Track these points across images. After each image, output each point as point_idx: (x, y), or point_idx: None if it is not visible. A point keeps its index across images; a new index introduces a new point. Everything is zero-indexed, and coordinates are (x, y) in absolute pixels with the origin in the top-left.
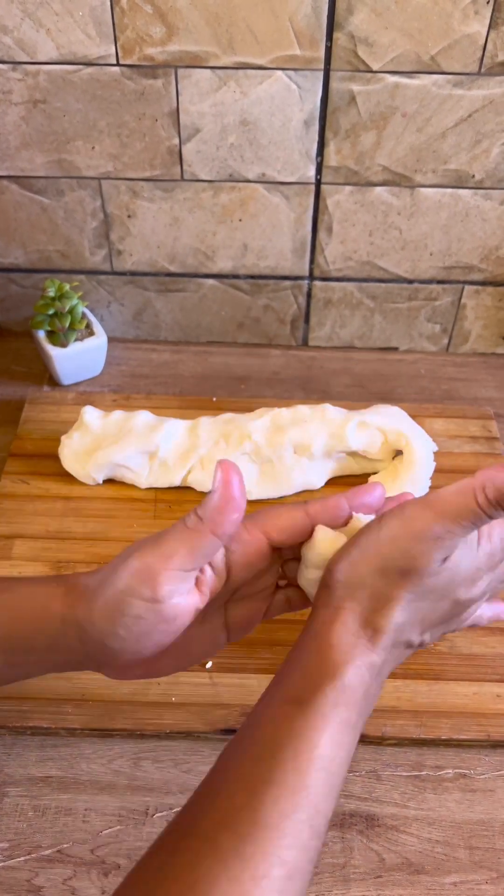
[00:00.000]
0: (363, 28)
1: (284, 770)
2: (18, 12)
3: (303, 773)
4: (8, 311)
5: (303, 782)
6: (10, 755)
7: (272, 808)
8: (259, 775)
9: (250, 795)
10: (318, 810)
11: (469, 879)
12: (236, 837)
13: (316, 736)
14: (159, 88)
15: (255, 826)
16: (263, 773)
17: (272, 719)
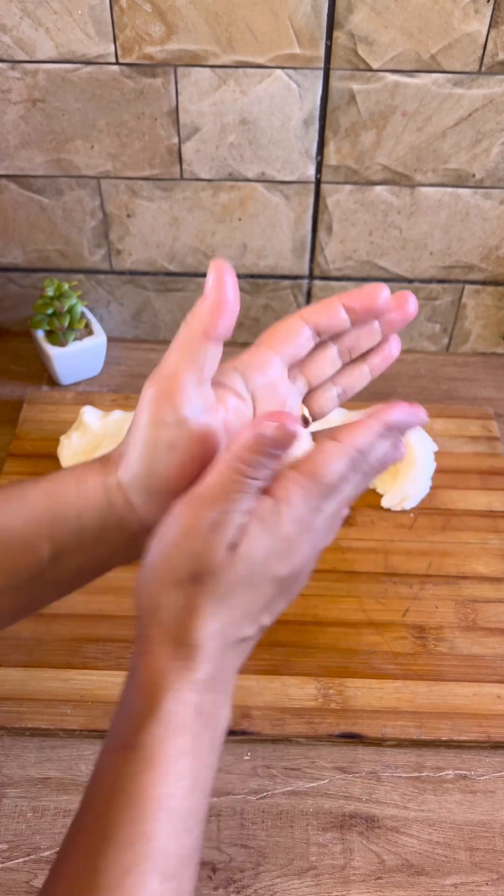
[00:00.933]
0: (363, 27)
1: (120, 823)
2: (17, 11)
3: (139, 822)
4: (7, 311)
5: (140, 831)
6: (9, 756)
7: (112, 868)
8: (97, 834)
9: (90, 858)
10: (165, 853)
11: (469, 881)
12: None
13: (146, 778)
14: (158, 87)
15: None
16: (101, 830)
17: (104, 770)
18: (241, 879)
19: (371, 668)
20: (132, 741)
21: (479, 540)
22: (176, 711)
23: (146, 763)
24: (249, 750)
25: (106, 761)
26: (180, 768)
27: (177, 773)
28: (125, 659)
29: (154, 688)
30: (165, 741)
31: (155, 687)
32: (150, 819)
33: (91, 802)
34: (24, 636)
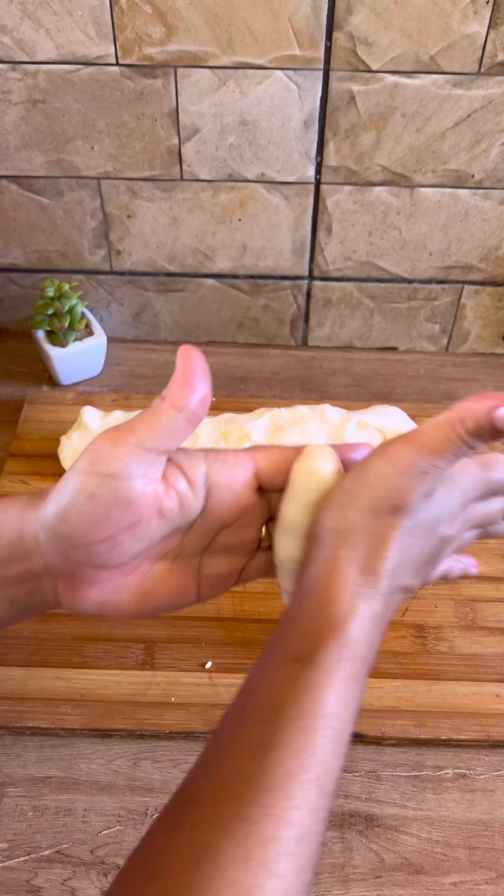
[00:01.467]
0: (363, 28)
1: (289, 731)
2: (18, 12)
3: (308, 733)
4: (7, 311)
5: (308, 742)
6: (10, 755)
7: (277, 770)
8: (262, 737)
9: (254, 759)
10: (325, 769)
11: (468, 879)
12: (241, 801)
13: (320, 694)
14: (158, 88)
15: (259, 789)
16: (267, 735)
17: (273, 680)
18: None
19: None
20: (310, 655)
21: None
22: (357, 638)
23: (322, 678)
24: None
25: (276, 671)
26: (350, 694)
27: (346, 699)
28: (125, 658)
29: (339, 608)
30: (342, 663)
31: (340, 608)
32: (319, 733)
33: (253, 707)
34: (25, 635)
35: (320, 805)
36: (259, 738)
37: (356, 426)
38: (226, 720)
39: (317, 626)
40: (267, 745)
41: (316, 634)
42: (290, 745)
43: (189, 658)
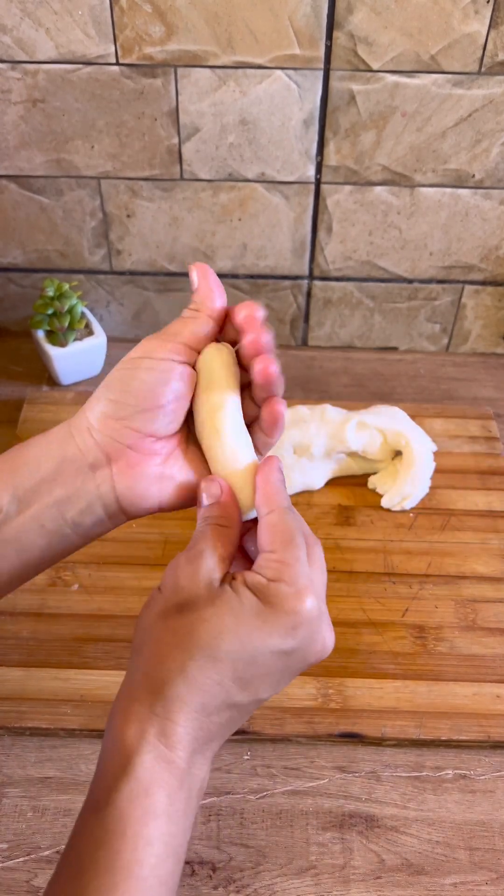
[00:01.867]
0: (363, 27)
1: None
2: (17, 11)
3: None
4: (7, 311)
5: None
6: (9, 756)
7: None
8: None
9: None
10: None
11: (469, 880)
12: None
13: (116, 843)
14: (158, 88)
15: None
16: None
17: (78, 832)
18: (240, 879)
19: (371, 667)
20: (104, 801)
21: (478, 540)
22: (148, 768)
23: (117, 825)
24: (249, 749)
25: (80, 823)
26: (151, 832)
27: (147, 838)
28: (125, 658)
29: (129, 743)
30: (136, 800)
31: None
32: (119, 889)
33: (64, 866)
34: (24, 636)
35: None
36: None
37: (356, 426)
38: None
39: (109, 768)
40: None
41: (108, 778)
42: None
43: None
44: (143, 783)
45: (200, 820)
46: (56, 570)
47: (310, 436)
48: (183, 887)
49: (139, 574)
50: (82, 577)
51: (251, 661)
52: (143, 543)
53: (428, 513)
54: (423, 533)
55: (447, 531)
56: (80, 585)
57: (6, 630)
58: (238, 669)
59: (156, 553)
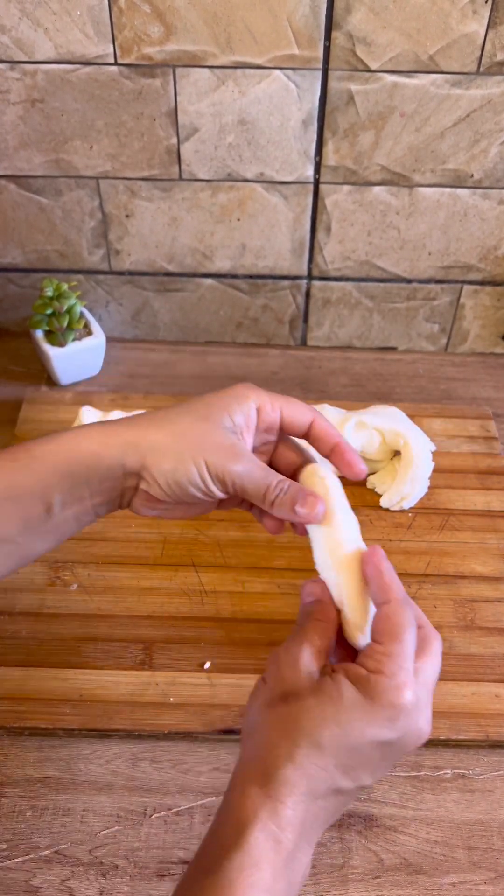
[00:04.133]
0: (361, 28)
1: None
2: (16, 11)
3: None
4: (6, 311)
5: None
6: (9, 756)
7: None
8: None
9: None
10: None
11: (468, 880)
12: None
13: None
14: (157, 88)
15: None
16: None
17: (187, 890)
18: None
19: None
20: (216, 867)
21: (477, 540)
22: (259, 843)
23: (224, 892)
24: None
25: (189, 882)
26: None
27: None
28: (124, 658)
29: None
30: (245, 871)
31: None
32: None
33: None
34: (23, 636)
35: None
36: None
37: (355, 426)
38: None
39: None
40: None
41: (221, 845)
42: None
43: (187, 658)
44: (253, 857)
45: (199, 819)
46: (55, 570)
47: None
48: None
49: (138, 574)
50: (81, 577)
51: (353, 750)
52: (143, 543)
53: (427, 512)
54: (422, 533)
55: (446, 531)
56: (80, 585)
57: (5, 630)
58: (341, 756)
59: (155, 553)
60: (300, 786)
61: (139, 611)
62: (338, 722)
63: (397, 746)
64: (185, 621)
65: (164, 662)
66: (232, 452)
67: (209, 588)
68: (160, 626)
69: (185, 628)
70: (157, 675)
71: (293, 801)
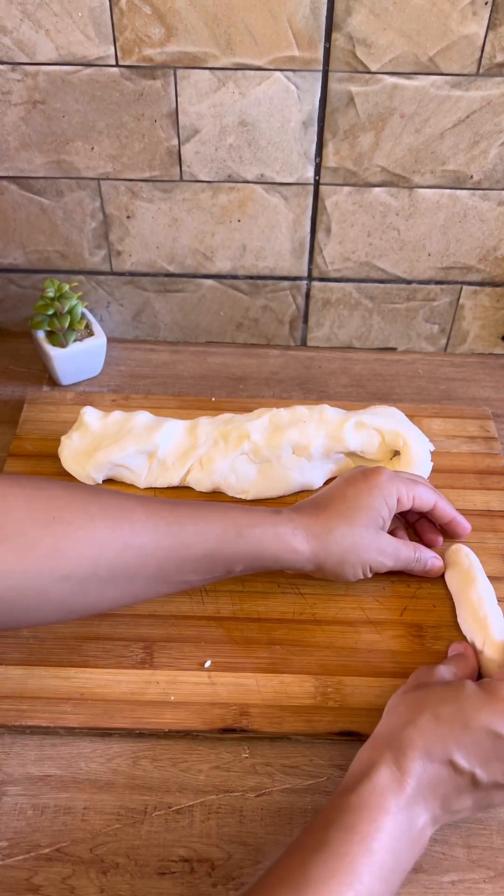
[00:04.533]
0: (361, 29)
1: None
2: (17, 13)
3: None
4: (7, 312)
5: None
6: (9, 754)
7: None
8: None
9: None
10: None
11: (467, 878)
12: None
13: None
14: (158, 89)
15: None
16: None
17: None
18: (239, 877)
19: (369, 666)
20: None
21: (476, 539)
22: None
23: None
24: (248, 748)
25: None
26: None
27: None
28: (125, 657)
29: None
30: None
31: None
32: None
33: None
34: (24, 634)
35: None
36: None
37: (354, 426)
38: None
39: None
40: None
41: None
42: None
43: (188, 657)
44: (377, 787)
45: (199, 818)
46: None
47: (308, 436)
48: (182, 885)
49: None
50: None
51: (466, 729)
52: None
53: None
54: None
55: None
56: None
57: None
58: (455, 730)
59: None
60: (418, 744)
61: (140, 610)
62: (456, 701)
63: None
64: (186, 620)
65: (165, 661)
66: (387, 553)
67: (209, 587)
68: (161, 624)
69: (186, 627)
70: (157, 674)
71: (412, 753)
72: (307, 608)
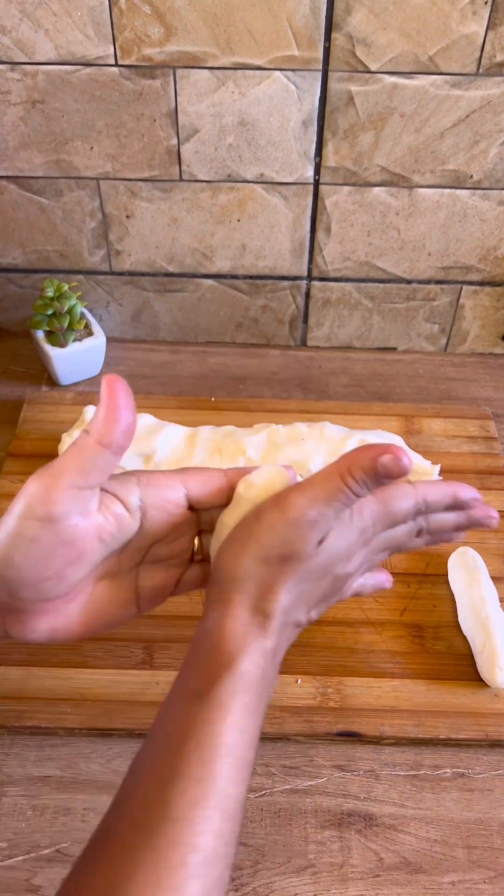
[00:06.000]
0: (361, 28)
1: (189, 762)
2: (17, 12)
3: (207, 762)
4: (6, 312)
5: (208, 770)
6: (9, 755)
7: (180, 800)
8: (166, 769)
9: (159, 791)
10: (227, 794)
11: (467, 878)
12: (148, 833)
13: (218, 725)
14: (157, 89)
15: (164, 820)
16: (170, 766)
17: (176, 716)
18: (239, 877)
19: (369, 666)
20: (206, 691)
21: (477, 539)
22: (249, 672)
23: (218, 711)
24: None
25: (178, 708)
26: (245, 722)
27: (242, 726)
28: (125, 658)
29: (232, 646)
30: (237, 694)
31: (233, 646)
32: (218, 762)
33: (159, 742)
34: None
35: (225, 829)
36: (163, 771)
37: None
38: (138, 755)
39: (213, 663)
40: (170, 776)
41: (212, 671)
42: (190, 776)
43: None
44: (244, 682)
45: None
46: None
47: (307, 454)
48: None
49: None
50: None
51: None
52: None
53: None
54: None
55: None
56: None
57: None
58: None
59: None
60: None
61: None
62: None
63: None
64: (186, 620)
65: (165, 662)
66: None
67: None
68: (161, 625)
69: (186, 627)
70: (157, 675)
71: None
72: None
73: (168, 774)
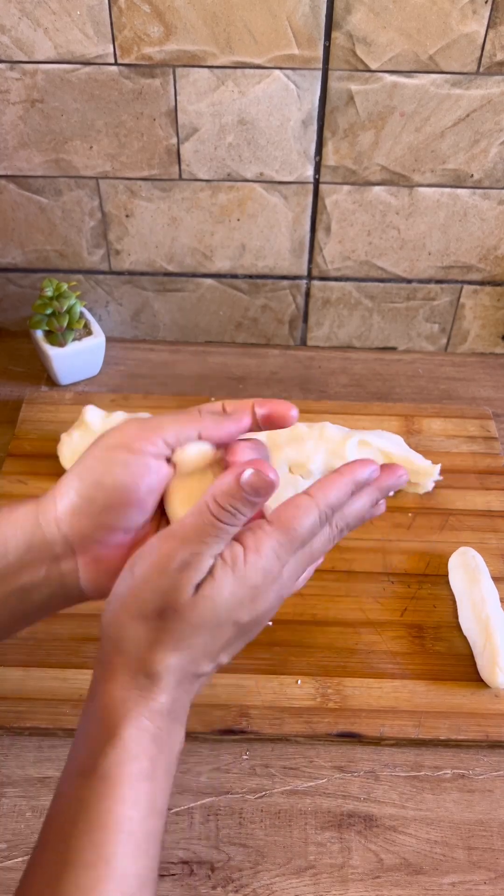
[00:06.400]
0: (361, 27)
1: (80, 847)
2: (16, 11)
3: (99, 846)
4: (6, 311)
5: (101, 853)
6: (8, 756)
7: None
8: (60, 857)
9: (54, 880)
10: (124, 875)
11: (467, 880)
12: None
13: (106, 802)
14: (157, 88)
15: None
16: (63, 853)
17: (66, 795)
18: (239, 878)
19: (369, 667)
20: (92, 766)
21: (477, 539)
22: (134, 737)
23: (106, 787)
24: (248, 749)
25: (66, 787)
26: (138, 792)
27: (135, 797)
28: None
29: (113, 714)
30: (124, 765)
31: (114, 714)
32: (111, 842)
33: (52, 827)
34: (23, 636)
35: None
36: (58, 857)
37: (358, 444)
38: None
39: (95, 736)
40: (64, 863)
41: (95, 744)
42: (84, 862)
43: None
44: (129, 750)
45: (199, 820)
46: None
47: (307, 454)
48: (181, 887)
49: None
50: None
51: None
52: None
53: (427, 513)
54: (422, 533)
55: (446, 531)
56: None
57: None
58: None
59: None
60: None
61: None
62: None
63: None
64: None
65: None
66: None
67: None
68: None
69: None
70: None
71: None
72: (307, 609)
73: (61, 861)
